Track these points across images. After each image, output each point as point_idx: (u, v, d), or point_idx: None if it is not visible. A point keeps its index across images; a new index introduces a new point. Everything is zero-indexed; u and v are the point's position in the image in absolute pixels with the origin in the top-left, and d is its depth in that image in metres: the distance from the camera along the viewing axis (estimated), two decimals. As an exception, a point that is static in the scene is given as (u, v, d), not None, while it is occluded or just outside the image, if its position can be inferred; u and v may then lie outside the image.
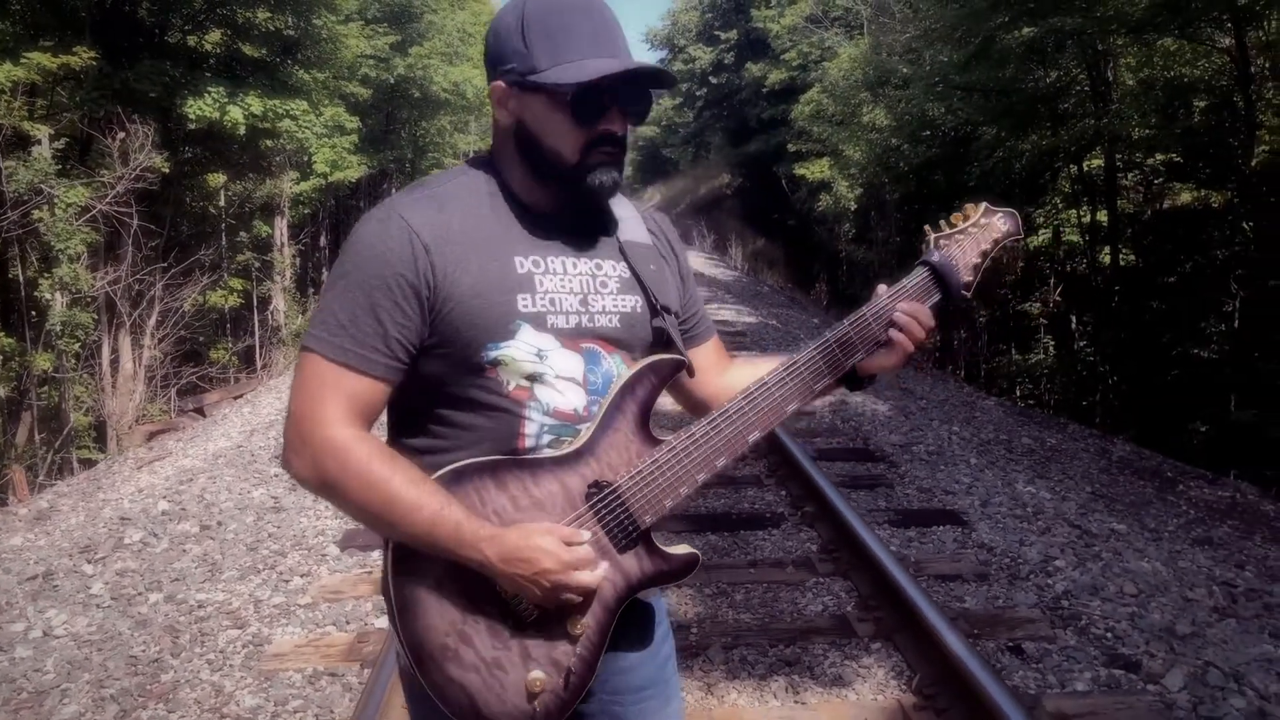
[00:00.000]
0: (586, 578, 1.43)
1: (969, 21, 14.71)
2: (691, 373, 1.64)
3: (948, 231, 1.69)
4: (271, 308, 18.32)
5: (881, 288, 1.64)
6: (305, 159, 17.85)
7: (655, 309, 1.60)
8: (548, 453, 1.49)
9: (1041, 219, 17.62)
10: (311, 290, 22.04)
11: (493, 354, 1.46)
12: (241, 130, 13.91)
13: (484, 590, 1.45)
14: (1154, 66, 14.08)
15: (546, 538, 1.41)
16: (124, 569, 5.13)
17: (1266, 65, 12.50)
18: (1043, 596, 4.18)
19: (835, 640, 3.78)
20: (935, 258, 1.65)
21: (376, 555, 4.88)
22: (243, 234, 17.64)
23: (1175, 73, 13.78)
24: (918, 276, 1.65)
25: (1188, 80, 13.51)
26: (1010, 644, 3.72)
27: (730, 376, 1.73)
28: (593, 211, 1.60)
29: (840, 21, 23.93)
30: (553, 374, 1.49)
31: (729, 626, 3.93)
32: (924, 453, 6.68)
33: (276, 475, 6.59)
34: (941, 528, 5.03)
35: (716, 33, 36.54)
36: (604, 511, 1.48)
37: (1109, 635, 3.80)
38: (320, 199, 19.55)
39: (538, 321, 1.48)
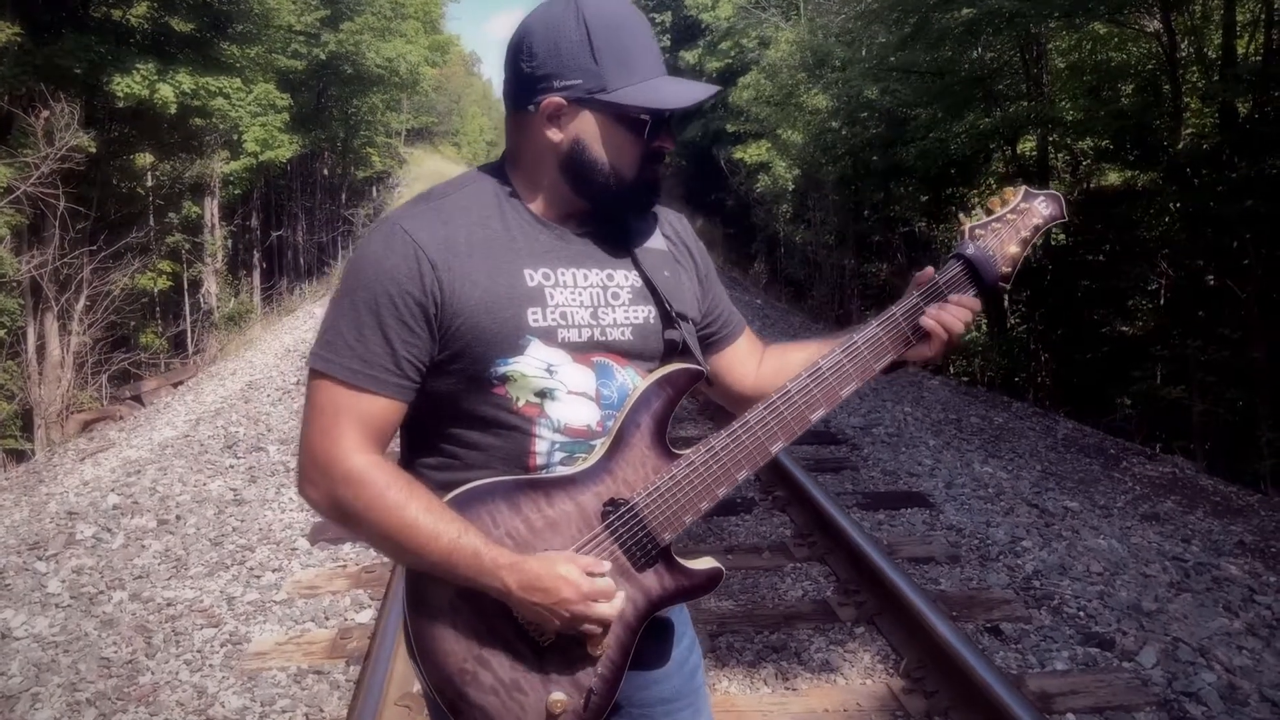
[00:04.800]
0: (606, 609, 1.41)
1: (905, 3, 14.89)
2: (710, 382, 1.59)
3: (984, 220, 1.59)
4: (203, 290, 17.87)
5: (927, 269, 1.57)
6: (236, 138, 17.40)
7: (670, 318, 1.56)
8: (561, 470, 1.46)
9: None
10: (243, 273, 21.55)
11: (501, 370, 1.43)
12: (172, 109, 13.49)
13: (501, 613, 1.43)
14: (1083, 50, 14.41)
15: (568, 566, 1.38)
16: (80, 566, 4.99)
17: (1192, 50, 12.86)
18: (1014, 577, 4.30)
19: (819, 625, 3.84)
20: (970, 250, 1.55)
21: (349, 549, 4.82)
22: (172, 215, 17.13)
23: (1104, 57, 14.12)
24: (951, 271, 1.56)
25: (1115, 64, 13.85)
26: (988, 625, 3.81)
27: (766, 368, 1.71)
28: (622, 222, 1.57)
29: (776, 4, 24.01)
30: (564, 389, 1.46)
31: (713, 614, 3.97)
32: (884, 435, 6.80)
33: (231, 466, 6.46)
34: (910, 510, 5.13)
35: (651, 15, 36.42)
36: (621, 530, 1.45)
37: (1081, 614, 3.92)
38: (251, 179, 19.06)
39: (548, 336, 1.45)
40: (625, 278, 1.54)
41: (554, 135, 1.46)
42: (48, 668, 3.89)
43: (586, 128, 1.46)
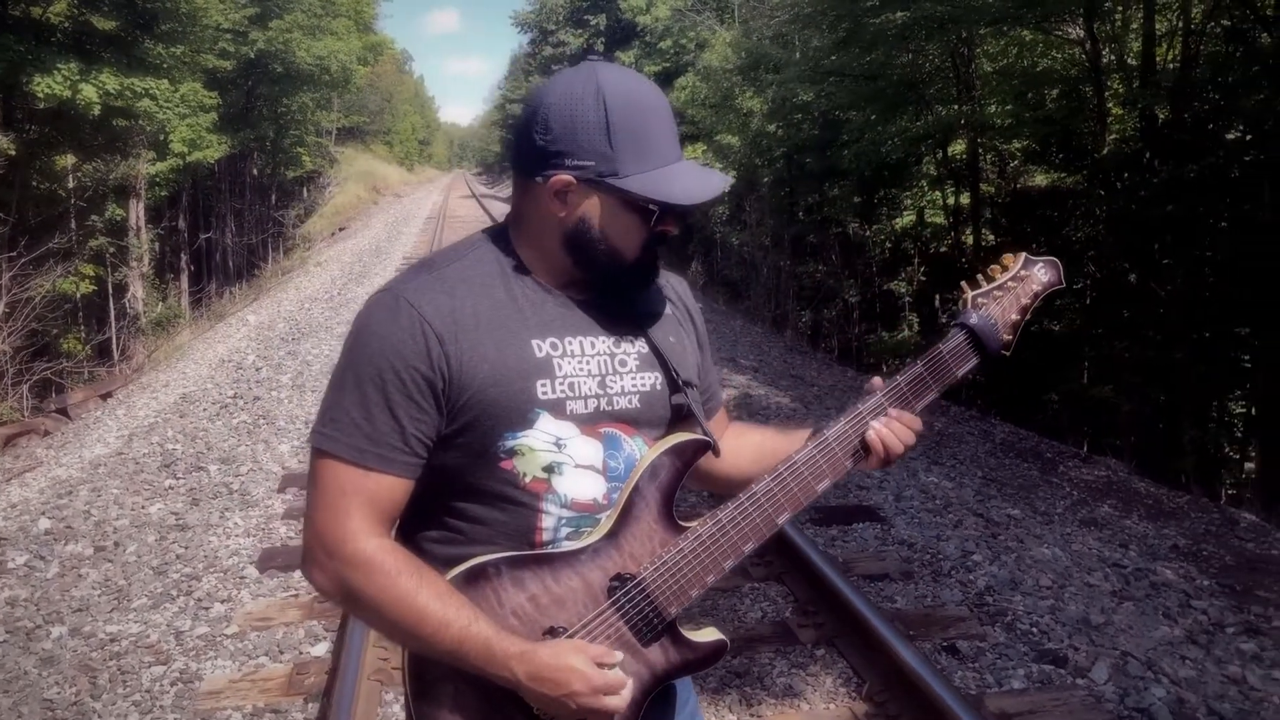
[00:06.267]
0: (615, 702, 1.40)
1: (839, 7, 15.09)
2: (717, 453, 1.56)
3: (986, 288, 1.61)
4: (129, 295, 17.37)
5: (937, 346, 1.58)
6: (162, 138, 16.95)
7: (676, 384, 1.55)
8: (567, 545, 1.44)
9: (909, 201, 18.33)
10: (171, 276, 20.99)
11: (509, 444, 1.41)
12: (96, 110, 13.08)
13: (507, 694, 1.41)
14: (1010, 56, 14.75)
15: (579, 657, 1.37)
16: (14, 597, 4.81)
17: (1114, 57, 13.23)
18: (967, 593, 4.38)
19: (780, 648, 3.87)
20: (974, 319, 1.58)
21: (300, 577, 4.73)
22: (95, 218, 16.61)
23: (1030, 62, 14.46)
24: (955, 340, 1.57)
25: (1041, 70, 14.19)
26: (945, 644, 3.88)
27: (730, 447, 1.67)
28: (624, 300, 1.56)
29: (711, 6, 24.12)
30: (572, 463, 1.44)
31: (674, 638, 3.96)
32: (830, 445, 6.86)
33: (171, 488, 6.28)
34: (862, 525, 5.19)
35: (586, 17, 36.24)
36: (628, 605, 1.44)
37: (1034, 631, 4.01)
38: (179, 180, 18.58)
39: (557, 409, 1.43)
40: (632, 344, 1.53)
41: (559, 210, 1.45)
42: (-13, 711, 3.75)
43: (593, 208, 1.44)
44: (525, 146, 1.46)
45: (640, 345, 1.54)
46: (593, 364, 1.47)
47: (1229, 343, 12.56)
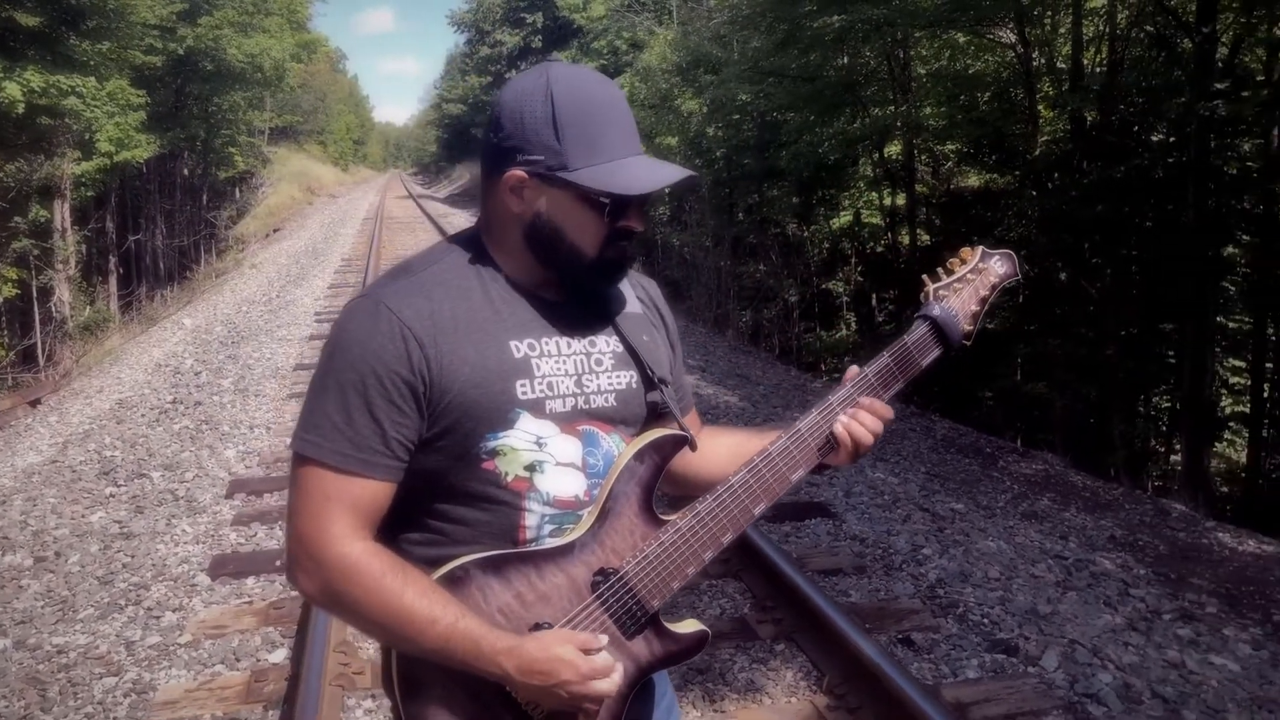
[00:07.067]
0: (605, 686, 1.42)
1: (778, 9, 15.25)
2: (694, 447, 1.58)
3: (946, 280, 1.66)
4: (55, 299, 16.88)
5: (902, 337, 1.62)
6: (88, 137, 16.49)
7: (651, 382, 1.58)
8: (550, 542, 1.47)
9: (847, 202, 18.58)
10: (99, 279, 20.44)
11: (491, 444, 1.43)
12: (20, 108, 12.70)
13: (496, 690, 1.43)
14: (944, 59, 15.05)
15: (565, 647, 1.39)
16: (-50, 611, 4.66)
17: (1043, 61, 13.57)
18: (919, 586, 4.48)
19: (740, 644, 3.91)
20: (936, 311, 1.62)
21: (252, 582, 4.66)
22: (18, 219, 16.11)
23: (964, 65, 14.76)
24: (919, 332, 1.61)
25: (973, 73, 14.50)
26: (900, 636, 3.97)
27: (705, 446, 1.69)
28: (593, 299, 1.58)
29: (648, 8, 24.19)
30: (553, 461, 1.46)
31: (635, 636, 3.99)
32: (778, 443, 6.95)
33: (112, 495, 6.13)
34: (814, 521, 5.27)
35: (522, 15, 36.10)
36: (611, 600, 1.46)
37: (985, 621, 4.12)
38: (106, 180, 18.10)
39: (536, 408, 1.45)
40: (606, 343, 1.56)
41: (516, 206, 1.47)
42: (-70, 728, 3.64)
43: (547, 204, 1.46)
44: (486, 148, 1.51)
45: (615, 344, 1.57)
46: (569, 363, 1.50)
47: (1155, 339, 12.95)
